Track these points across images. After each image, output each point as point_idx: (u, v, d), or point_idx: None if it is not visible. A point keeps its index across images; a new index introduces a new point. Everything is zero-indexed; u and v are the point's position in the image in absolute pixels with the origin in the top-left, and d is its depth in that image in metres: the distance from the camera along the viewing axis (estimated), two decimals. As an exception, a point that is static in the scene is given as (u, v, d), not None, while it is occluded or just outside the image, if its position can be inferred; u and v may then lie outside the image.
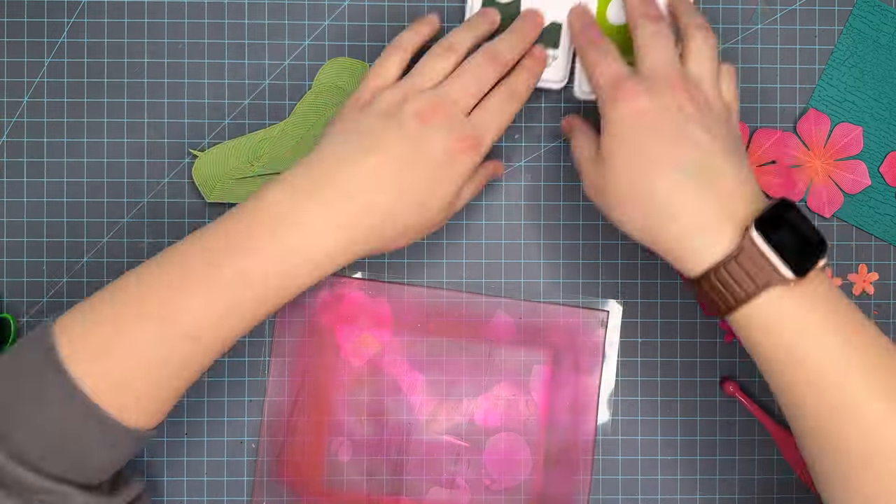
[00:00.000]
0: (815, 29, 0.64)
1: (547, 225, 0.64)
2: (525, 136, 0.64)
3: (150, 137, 0.63)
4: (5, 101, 0.63)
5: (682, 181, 0.50)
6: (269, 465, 0.63)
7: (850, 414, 0.48)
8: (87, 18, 0.63)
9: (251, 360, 0.64)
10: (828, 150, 0.64)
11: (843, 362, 0.48)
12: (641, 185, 0.50)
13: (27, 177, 0.63)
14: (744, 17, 0.64)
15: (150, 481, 0.63)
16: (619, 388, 0.64)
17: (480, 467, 0.63)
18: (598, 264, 0.64)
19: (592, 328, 0.63)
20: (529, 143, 0.64)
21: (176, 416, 0.63)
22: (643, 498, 0.64)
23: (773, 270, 0.48)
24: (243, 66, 0.64)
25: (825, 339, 0.49)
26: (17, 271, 0.63)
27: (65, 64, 0.63)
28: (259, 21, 0.64)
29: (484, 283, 0.64)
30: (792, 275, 0.48)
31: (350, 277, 0.63)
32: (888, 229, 0.64)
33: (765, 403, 0.64)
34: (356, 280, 0.63)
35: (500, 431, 0.64)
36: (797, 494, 0.64)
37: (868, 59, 0.64)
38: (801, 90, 0.64)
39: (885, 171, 0.64)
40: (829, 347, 0.48)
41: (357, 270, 0.63)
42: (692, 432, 0.64)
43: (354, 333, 0.63)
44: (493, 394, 0.64)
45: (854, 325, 0.49)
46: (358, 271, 0.63)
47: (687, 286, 0.61)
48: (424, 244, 0.63)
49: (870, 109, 0.64)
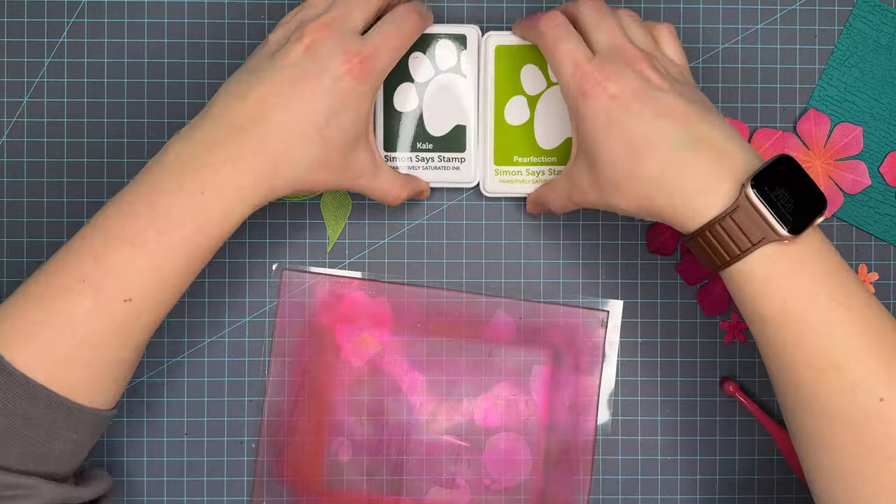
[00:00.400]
0: (815, 29, 0.64)
1: (547, 225, 0.64)
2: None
3: (150, 137, 0.63)
4: (5, 101, 0.63)
5: (674, 155, 0.50)
6: (269, 465, 0.63)
7: (837, 375, 0.48)
8: (87, 18, 0.63)
9: (251, 360, 0.64)
10: (828, 150, 0.64)
11: (836, 323, 0.48)
12: (635, 168, 0.50)
13: (27, 177, 0.63)
14: (744, 17, 0.64)
15: (150, 481, 0.63)
16: (619, 388, 0.64)
17: (480, 467, 0.63)
18: (597, 264, 0.64)
19: (592, 328, 0.63)
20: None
21: (176, 415, 0.63)
22: (643, 498, 0.64)
23: (769, 227, 0.48)
24: (243, 66, 0.64)
25: (817, 299, 0.48)
26: (17, 271, 0.63)
27: (65, 64, 0.63)
28: (259, 21, 0.64)
29: (484, 282, 0.64)
30: (786, 232, 0.48)
31: (350, 277, 0.63)
32: (888, 229, 0.64)
33: (765, 403, 0.64)
34: (356, 280, 0.63)
35: (500, 431, 0.63)
36: (797, 494, 0.64)
37: (868, 59, 0.64)
38: (801, 90, 0.64)
39: (885, 171, 0.64)
40: (820, 307, 0.48)
41: (357, 270, 0.63)
42: (692, 432, 0.64)
43: (354, 333, 0.63)
44: (492, 394, 0.64)
45: (847, 285, 0.49)
46: (358, 271, 0.63)
47: (684, 242, 0.61)
48: (424, 244, 0.64)
49: (870, 109, 0.64)
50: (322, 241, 0.63)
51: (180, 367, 0.63)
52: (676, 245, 0.63)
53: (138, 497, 0.63)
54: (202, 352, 0.63)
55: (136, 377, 0.63)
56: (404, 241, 0.64)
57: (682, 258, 0.64)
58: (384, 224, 0.64)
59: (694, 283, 0.64)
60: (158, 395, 0.63)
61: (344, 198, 0.63)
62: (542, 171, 0.62)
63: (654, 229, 0.63)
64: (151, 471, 0.63)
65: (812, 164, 0.64)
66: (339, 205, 0.63)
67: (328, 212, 0.63)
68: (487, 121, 0.61)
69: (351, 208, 0.63)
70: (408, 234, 0.64)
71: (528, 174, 0.62)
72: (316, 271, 0.63)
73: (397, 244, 0.64)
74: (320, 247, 0.64)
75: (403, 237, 0.64)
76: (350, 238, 0.64)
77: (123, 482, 0.63)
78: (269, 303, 0.63)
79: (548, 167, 0.61)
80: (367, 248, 0.64)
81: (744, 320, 0.64)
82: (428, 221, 0.64)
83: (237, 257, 0.63)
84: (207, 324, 0.63)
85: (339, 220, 0.63)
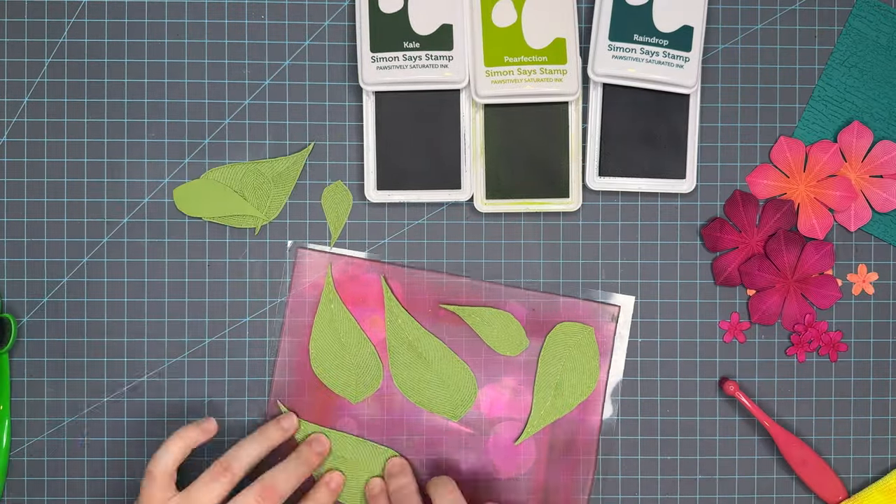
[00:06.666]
0: (815, 29, 0.64)
1: (546, 225, 0.64)
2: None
3: (150, 137, 0.63)
4: (5, 101, 0.63)
5: None
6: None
7: None
8: (87, 18, 0.63)
9: (251, 360, 0.64)
10: (865, 164, 0.63)
11: None
12: None
13: (27, 177, 0.63)
14: (744, 17, 0.64)
15: (151, 481, 0.63)
16: (619, 388, 0.64)
17: (483, 455, 0.63)
18: (597, 264, 0.64)
19: (604, 323, 0.63)
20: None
21: (176, 416, 0.63)
22: (643, 498, 0.64)
23: None
24: (243, 66, 0.64)
25: None
26: (17, 271, 0.63)
27: (65, 64, 0.63)
28: (259, 21, 0.64)
29: (483, 263, 0.64)
30: None
31: (366, 259, 0.63)
32: (888, 229, 0.64)
33: (765, 403, 0.64)
34: (370, 262, 0.63)
35: (504, 421, 0.64)
36: (797, 494, 0.64)
37: (868, 59, 0.64)
38: (801, 90, 0.64)
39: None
40: None
41: (375, 254, 0.64)
42: (692, 432, 0.64)
43: (365, 315, 0.63)
44: (499, 383, 0.64)
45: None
46: (375, 255, 0.63)
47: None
48: (424, 244, 0.63)
49: (870, 109, 0.64)
50: (323, 240, 0.64)
51: (180, 367, 0.63)
52: (740, 278, 0.63)
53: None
54: (202, 352, 0.63)
55: (136, 377, 0.63)
56: (404, 241, 0.64)
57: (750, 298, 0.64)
58: (384, 224, 0.64)
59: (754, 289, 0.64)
60: (158, 394, 0.63)
61: (344, 192, 0.63)
62: (534, 70, 0.61)
63: (720, 262, 0.63)
64: (151, 471, 0.63)
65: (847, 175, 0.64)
66: (339, 199, 0.63)
67: (329, 207, 0.63)
68: (475, 24, 0.61)
69: (352, 206, 0.63)
70: (408, 234, 0.64)
71: (519, 73, 0.61)
72: (331, 251, 0.63)
73: (397, 244, 0.64)
74: (321, 246, 0.64)
75: (403, 237, 0.64)
76: (350, 238, 0.64)
77: (124, 482, 0.63)
78: (270, 303, 0.63)
79: (539, 66, 0.61)
80: (367, 248, 0.64)
81: (744, 320, 0.64)
82: (428, 221, 0.64)
83: (237, 257, 0.63)
84: (207, 324, 0.63)
85: (341, 215, 0.63)
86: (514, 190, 0.62)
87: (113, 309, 0.63)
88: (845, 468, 0.64)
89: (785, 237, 0.63)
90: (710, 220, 0.64)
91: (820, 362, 0.64)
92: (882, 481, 0.64)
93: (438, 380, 0.63)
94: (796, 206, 0.63)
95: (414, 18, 0.61)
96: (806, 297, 0.63)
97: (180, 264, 0.63)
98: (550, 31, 0.61)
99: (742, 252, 0.63)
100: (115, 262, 0.63)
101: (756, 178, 0.64)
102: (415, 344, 0.63)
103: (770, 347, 0.64)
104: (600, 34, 0.61)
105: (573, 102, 0.62)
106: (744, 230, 0.63)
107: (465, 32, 0.61)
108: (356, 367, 0.63)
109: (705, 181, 0.64)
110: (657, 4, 0.61)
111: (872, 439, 0.65)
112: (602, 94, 0.63)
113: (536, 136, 0.62)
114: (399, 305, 0.63)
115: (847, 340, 0.64)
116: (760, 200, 0.64)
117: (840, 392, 0.64)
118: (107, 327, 0.63)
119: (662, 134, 0.63)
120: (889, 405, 0.65)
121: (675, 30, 0.61)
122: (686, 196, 0.64)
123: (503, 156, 0.63)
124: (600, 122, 0.63)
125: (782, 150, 0.63)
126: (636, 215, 0.64)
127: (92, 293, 0.63)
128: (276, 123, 0.64)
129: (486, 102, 0.62)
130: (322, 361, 0.63)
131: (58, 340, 0.63)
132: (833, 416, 0.64)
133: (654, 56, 0.60)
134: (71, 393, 0.63)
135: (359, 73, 0.61)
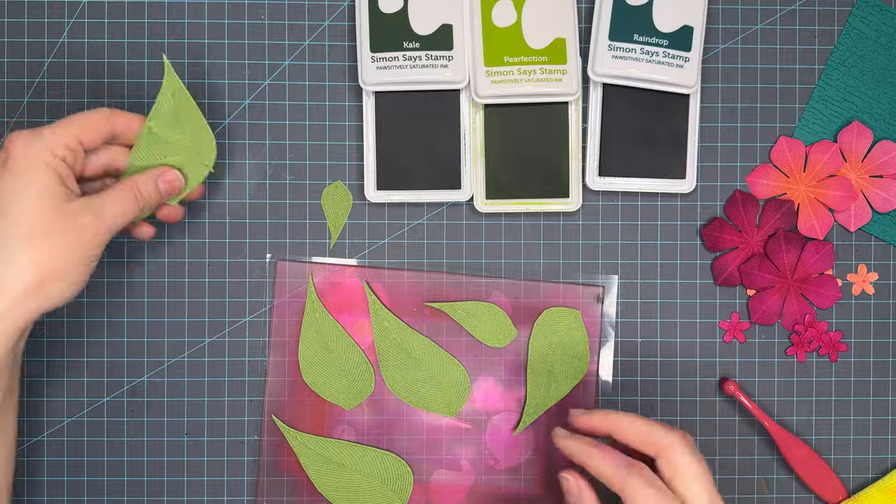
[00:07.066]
0: (815, 29, 0.64)
1: (546, 225, 0.64)
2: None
3: (150, 137, 0.63)
4: (5, 101, 0.63)
5: None
6: (269, 464, 0.63)
7: None
8: (87, 18, 0.63)
9: (251, 360, 0.64)
10: (865, 164, 0.63)
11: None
12: None
13: (27, 177, 0.63)
14: (744, 17, 0.64)
15: (151, 481, 0.63)
16: (618, 388, 0.64)
17: (483, 448, 0.64)
18: (597, 264, 0.64)
19: (589, 304, 0.63)
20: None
21: (176, 415, 0.63)
22: (643, 498, 0.64)
23: None
24: (243, 66, 0.64)
25: None
26: (17, 271, 0.63)
27: (65, 64, 0.63)
28: (259, 21, 0.64)
29: (484, 263, 0.64)
30: None
31: (345, 265, 0.63)
32: (888, 229, 0.64)
33: (765, 403, 0.64)
34: (351, 268, 0.63)
35: (500, 412, 0.64)
36: (797, 494, 0.64)
37: (868, 59, 0.64)
38: (801, 90, 0.64)
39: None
40: None
41: (353, 257, 0.64)
42: (692, 432, 0.64)
43: (352, 320, 0.63)
44: (491, 376, 0.64)
45: None
46: (354, 258, 0.64)
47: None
48: (424, 244, 0.64)
49: (870, 109, 0.64)
50: (323, 240, 0.64)
51: (180, 367, 0.63)
52: (740, 278, 0.63)
53: (139, 497, 0.63)
54: (202, 352, 0.63)
55: (136, 377, 0.63)
56: (404, 241, 0.64)
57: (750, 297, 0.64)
58: (384, 224, 0.64)
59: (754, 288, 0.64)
60: (158, 395, 0.63)
61: (344, 193, 0.63)
62: (534, 71, 0.61)
63: (720, 262, 0.63)
64: (151, 471, 0.63)
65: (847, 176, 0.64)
66: (339, 199, 0.63)
67: (329, 207, 0.63)
68: (475, 24, 0.61)
69: (351, 206, 0.63)
70: (408, 234, 0.64)
71: (519, 73, 0.61)
72: (310, 261, 0.63)
73: (397, 244, 0.64)
74: (321, 246, 0.64)
75: (403, 237, 0.64)
76: (350, 238, 0.64)
77: (124, 482, 0.63)
78: (269, 303, 0.63)
79: (539, 66, 0.61)
80: (367, 248, 0.64)
81: (744, 320, 0.64)
82: (428, 222, 0.64)
83: (237, 257, 0.63)
84: (207, 324, 0.63)
85: (341, 215, 0.63)
86: (514, 190, 0.63)
87: (113, 309, 0.63)
88: (845, 468, 0.64)
89: (785, 237, 0.63)
90: (710, 220, 0.64)
91: (820, 362, 0.64)
92: (882, 481, 0.64)
93: (431, 378, 0.63)
94: (796, 206, 0.63)
95: (414, 18, 0.61)
96: (806, 297, 0.63)
97: (180, 264, 0.63)
98: (550, 31, 0.61)
99: (742, 252, 0.63)
100: (115, 262, 0.63)
101: (756, 178, 0.64)
102: (403, 345, 0.63)
103: (770, 347, 0.64)
104: (600, 34, 0.61)
105: (573, 102, 0.62)
106: (744, 230, 0.63)
107: (465, 32, 0.61)
108: (347, 374, 0.63)
109: (705, 181, 0.64)
110: (657, 4, 0.61)
111: (872, 439, 0.65)
112: (602, 94, 0.63)
113: (536, 136, 0.62)
114: (384, 308, 0.63)
115: (847, 340, 0.64)
116: (760, 200, 0.64)
117: (840, 392, 0.64)
118: (107, 327, 0.63)
119: (662, 134, 0.63)
120: (889, 405, 0.65)
121: (675, 30, 0.61)
122: (686, 196, 0.64)
123: (503, 156, 0.63)
124: (600, 122, 0.63)
125: (782, 150, 0.63)
126: (636, 215, 0.64)
127: (91, 293, 0.63)
128: (276, 123, 0.64)
129: (486, 102, 0.62)
130: (312, 371, 0.63)
131: (58, 340, 0.63)
132: (833, 416, 0.64)
133: (654, 56, 0.60)
134: (71, 393, 0.63)
135: (359, 73, 0.61)
